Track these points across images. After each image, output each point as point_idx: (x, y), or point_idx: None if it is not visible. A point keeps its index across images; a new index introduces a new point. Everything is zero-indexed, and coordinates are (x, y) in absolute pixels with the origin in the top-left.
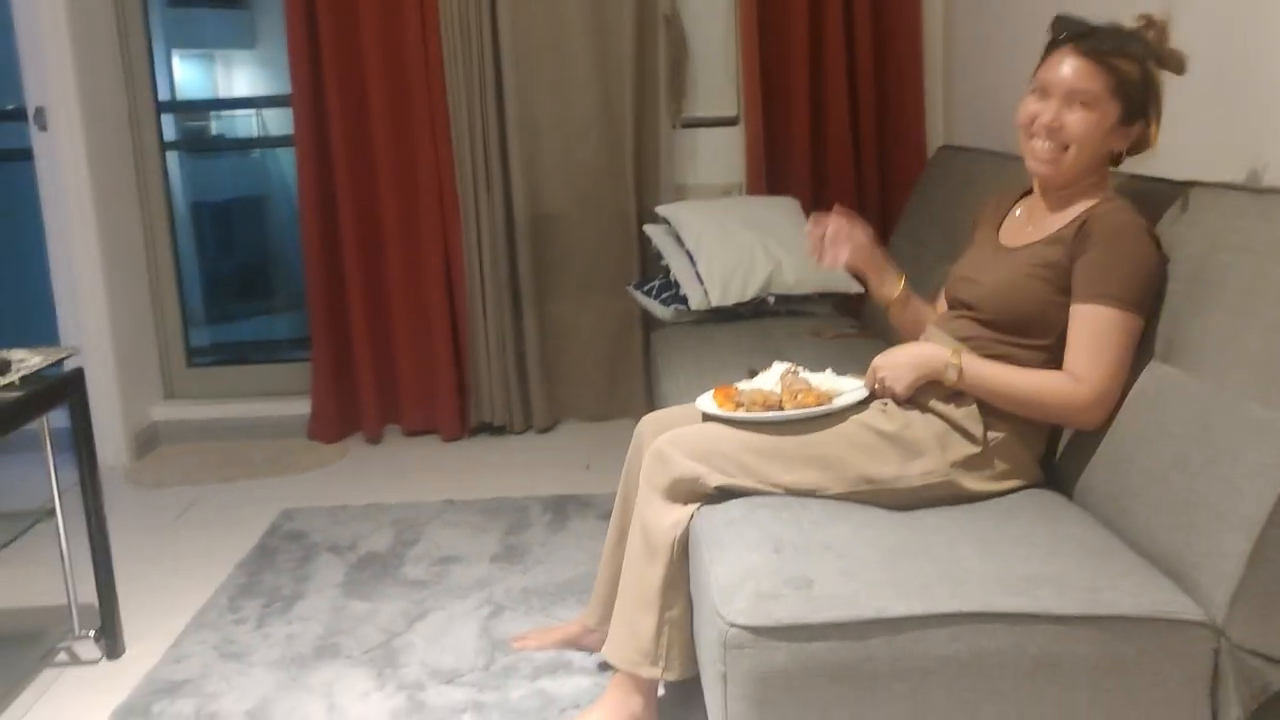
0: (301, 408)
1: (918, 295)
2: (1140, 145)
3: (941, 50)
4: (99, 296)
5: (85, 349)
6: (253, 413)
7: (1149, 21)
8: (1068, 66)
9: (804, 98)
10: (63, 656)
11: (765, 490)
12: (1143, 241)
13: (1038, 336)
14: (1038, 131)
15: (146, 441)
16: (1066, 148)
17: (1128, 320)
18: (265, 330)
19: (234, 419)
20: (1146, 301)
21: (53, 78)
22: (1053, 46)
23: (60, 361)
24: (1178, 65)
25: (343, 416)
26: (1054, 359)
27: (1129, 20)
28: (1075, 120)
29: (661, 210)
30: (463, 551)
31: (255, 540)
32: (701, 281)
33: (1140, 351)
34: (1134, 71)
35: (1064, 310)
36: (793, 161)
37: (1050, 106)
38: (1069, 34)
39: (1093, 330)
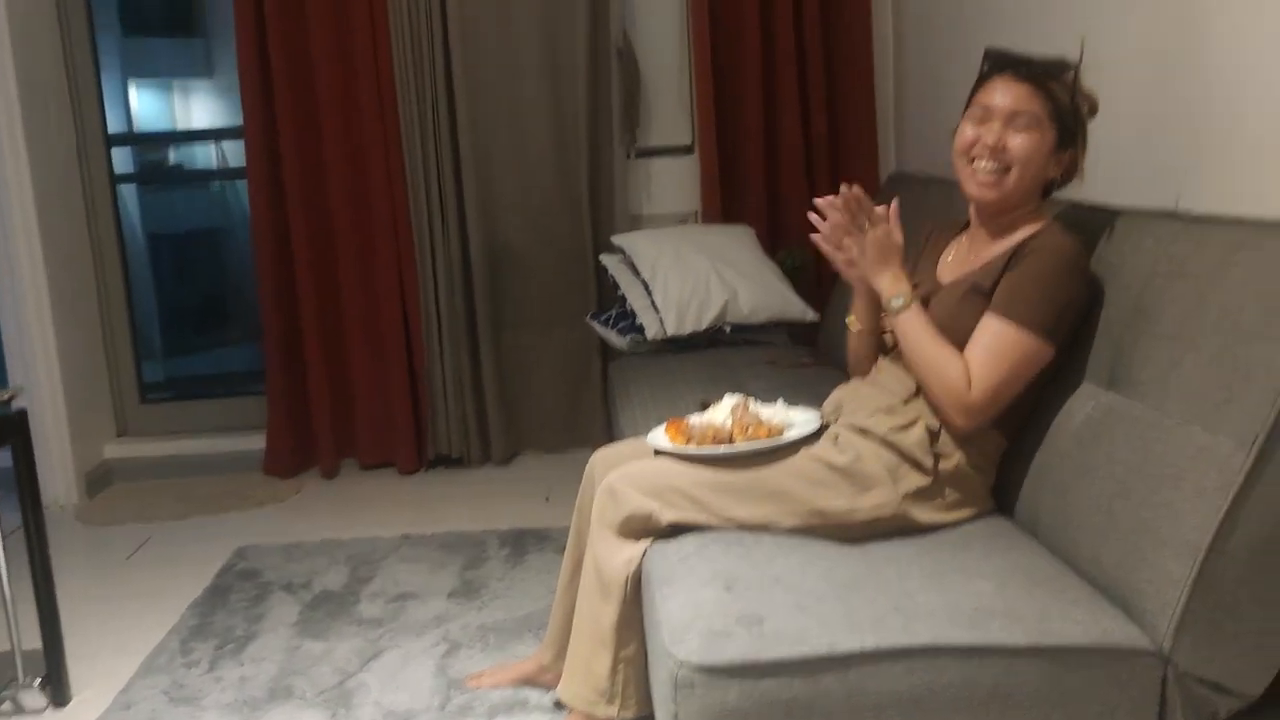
0: (257, 442)
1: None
2: (1069, 174)
3: (892, 78)
4: (47, 334)
5: (34, 388)
6: (208, 449)
7: (1064, 62)
8: (1009, 90)
9: (758, 126)
10: (6, 706)
11: (718, 525)
12: (1070, 274)
13: None
14: (980, 154)
15: (99, 479)
16: (1009, 169)
17: (1029, 343)
18: (224, 364)
19: (189, 455)
20: (1058, 332)
21: None
22: (988, 75)
23: (6, 403)
24: (1092, 106)
25: (298, 451)
26: None
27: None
28: (1019, 142)
29: (617, 240)
30: (419, 588)
31: (208, 579)
32: (657, 311)
33: (1080, 378)
34: (1065, 99)
35: None
36: (748, 190)
37: (993, 129)
38: (1005, 62)
39: (992, 343)
